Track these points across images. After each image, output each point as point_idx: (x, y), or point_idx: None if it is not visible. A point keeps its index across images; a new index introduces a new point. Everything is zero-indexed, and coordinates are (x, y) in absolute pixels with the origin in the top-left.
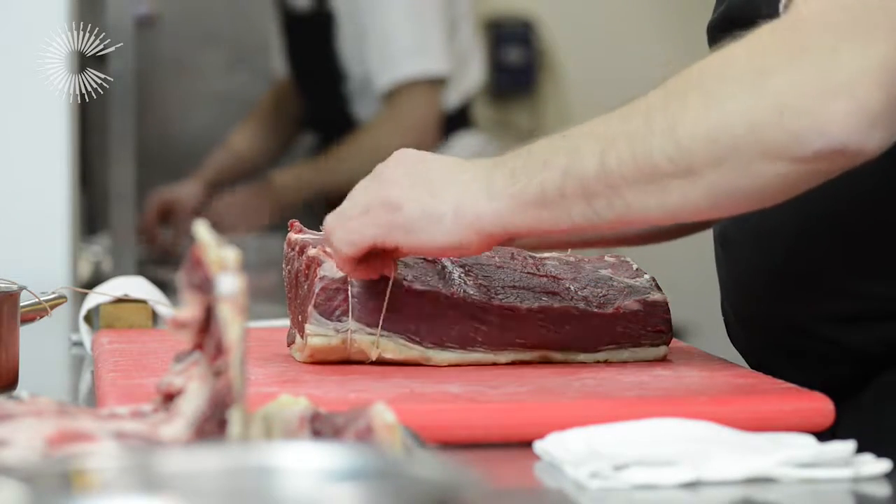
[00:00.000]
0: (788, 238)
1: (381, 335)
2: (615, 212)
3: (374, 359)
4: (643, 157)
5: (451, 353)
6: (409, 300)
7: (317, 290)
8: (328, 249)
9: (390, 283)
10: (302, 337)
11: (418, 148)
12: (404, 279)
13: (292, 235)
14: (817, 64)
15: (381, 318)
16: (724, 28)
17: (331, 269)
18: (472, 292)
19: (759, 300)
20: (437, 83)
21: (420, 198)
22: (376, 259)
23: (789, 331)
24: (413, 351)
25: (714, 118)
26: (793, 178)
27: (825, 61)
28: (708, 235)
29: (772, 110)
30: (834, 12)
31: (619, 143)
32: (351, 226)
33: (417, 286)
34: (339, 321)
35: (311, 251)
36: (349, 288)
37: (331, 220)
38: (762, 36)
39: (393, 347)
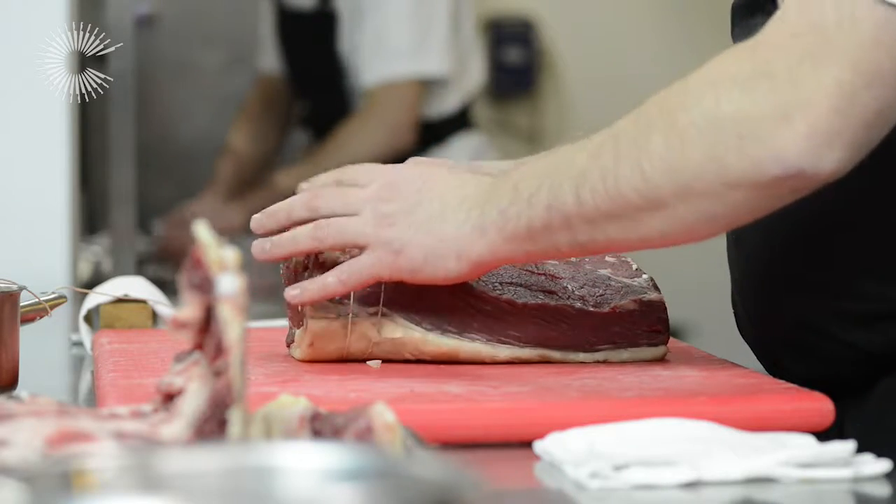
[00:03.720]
0: (800, 236)
1: (383, 313)
2: (598, 243)
3: (374, 340)
4: (614, 192)
5: (449, 338)
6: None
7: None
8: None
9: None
10: (300, 327)
11: (392, 150)
12: None
13: None
14: (772, 89)
15: (381, 292)
16: (750, 7)
17: (332, 253)
18: (471, 283)
19: (768, 296)
20: (421, 84)
21: (420, 240)
22: None
23: (797, 328)
24: (414, 332)
25: (676, 150)
26: (759, 202)
27: (780, 86)
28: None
29: (731, 138)
30: (789, 37)
31: (592, 176)
32: (355, 265)
33: None
34: (341, 304)
35: None
36: None
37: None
38: (720, 62)
39: (393, 327)
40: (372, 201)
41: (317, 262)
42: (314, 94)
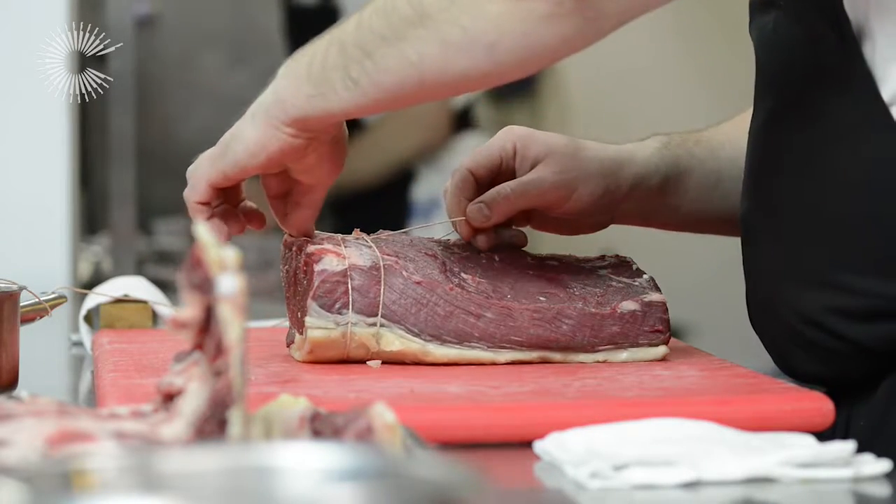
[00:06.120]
0: (805, 231)
1: (382, 324)
2: (368, 76)
3: (373, 350)
4: (390, 7)
5: (449, 348)
6: (408, 292)
7: (316, 283)
8: (327, 246)
9: (382, 272)
10: (301, 333)
11: (429, 146)
12: (404, 270)
13: (288, 236)
14: None
15: (381, 303)
16: (764, 5)
17: (330, 263)
18: (470, 289)
19: (775, 288)
20: None
21: (240, 125)
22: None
23: (802, 322)
24: (413, 343)
25: None
26: (513, 26)
27: None
28: (710, 238)
29: None
30: None
31: (373, 2)
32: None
33: (417, 277)
34: (340, 314)
35: (310, 248)
36: (349, 281)
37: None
38: None
39: (392, 339)
40: None
41: (300, 249)
42: None
